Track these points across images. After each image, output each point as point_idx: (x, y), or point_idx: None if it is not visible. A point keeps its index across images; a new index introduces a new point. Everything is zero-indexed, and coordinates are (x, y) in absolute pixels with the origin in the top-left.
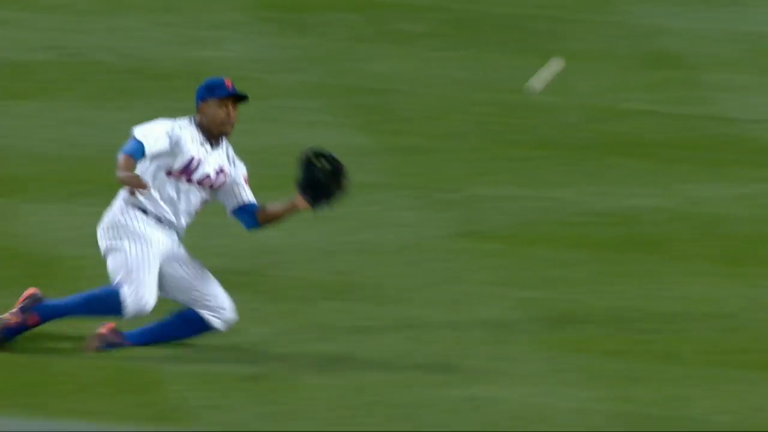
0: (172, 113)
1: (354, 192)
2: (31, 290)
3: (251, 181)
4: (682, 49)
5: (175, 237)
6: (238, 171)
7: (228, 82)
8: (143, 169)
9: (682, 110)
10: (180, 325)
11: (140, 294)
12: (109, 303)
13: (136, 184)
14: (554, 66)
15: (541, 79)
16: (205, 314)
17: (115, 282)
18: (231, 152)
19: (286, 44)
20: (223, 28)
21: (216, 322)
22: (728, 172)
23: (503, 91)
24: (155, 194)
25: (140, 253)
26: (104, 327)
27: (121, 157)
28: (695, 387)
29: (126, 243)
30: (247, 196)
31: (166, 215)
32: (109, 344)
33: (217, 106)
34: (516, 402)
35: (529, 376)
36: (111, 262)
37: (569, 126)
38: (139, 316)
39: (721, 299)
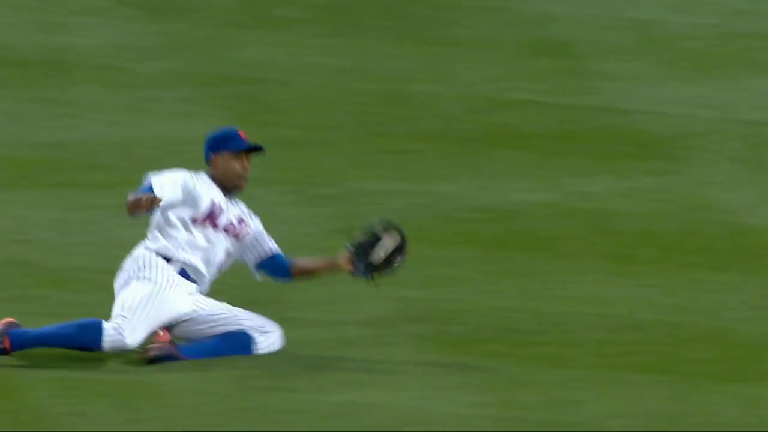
0: (32, 103)
1: None
2: (8, 319)
3: (111, 176)
4: (569, 37)
5: (194, 288)
6: (257, 223)
7: (242, 134)
8: (169, 221)
9: (568, 101)
10: (232, 344)
11: (122, 330)
12: (88, 334)
13: (147, 199)
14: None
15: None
16: (256, 336)
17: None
18: (243, 206)
19: (152, 30)
20: (85, 13)
21: (263, 346)
22: (617, 166)
23: (382, 80)
24: (184, 244)
25: (144, 295)
26: (161, 336)
27: (130, 196)
28: (584, 390)
29: (134, 282)
30: (273, 246)
31: (194, 263)
32: (169, 356)
33: (231, 159)
34: (396, 407)
35: (410, 379)
36: (116, 300)
37: (451, 117)
38: (114, 351)
39: (610, 299)
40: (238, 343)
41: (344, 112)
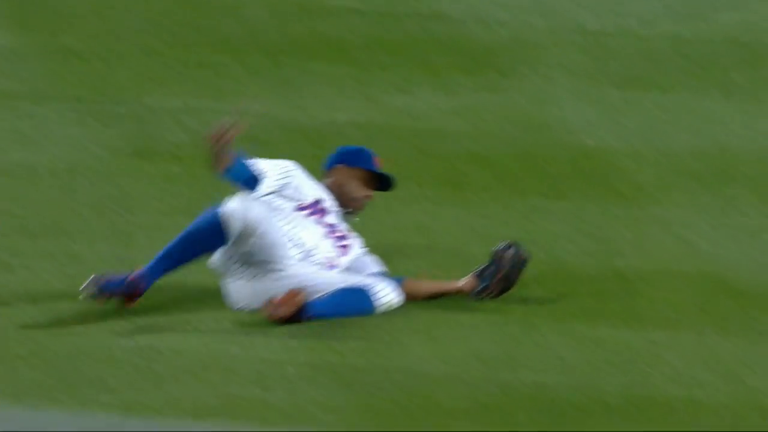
0: None
1: None
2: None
3: None
4: None
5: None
6: (360, 248)
7: (380, 161)
8: (271, 204)
9: (389, 7)
10: (352, 298)
11: (247, 201)
12: (209, 225)
13: (231, 124)
14: None
15: None
16: (371, 287)
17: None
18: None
19: None
20: None
21: (382, 295)
22: (444, 80)
23: None
24: (288, 224)
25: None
26: (290, 295)
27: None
28: (408, 333)
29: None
30: (377, 268)
31: (299, 237)
32: (299, 315)
33: (358, 179)
34: (198, 352)
35: (214, 322)
36: None
37: (257, 25)
38: (245, 226)
39: (437, 229)
40: (358, 296)
41: (136, 19)
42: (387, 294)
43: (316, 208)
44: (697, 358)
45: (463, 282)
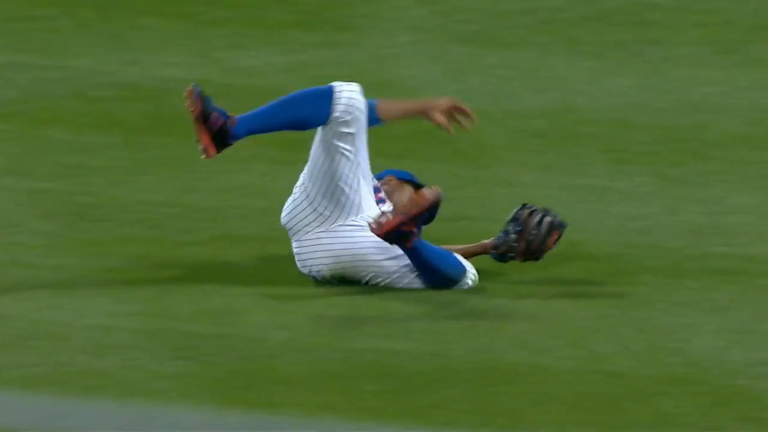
0: None
1: None
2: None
3: None
4: None
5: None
6: None
7: None
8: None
9: None
10: (449, 260)
11: (361, 93)
12: (318, 91)
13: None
14: None
15: None
16: (467, 264)
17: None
18: None
19: None
20: None
21: (471, 271)
22: (280, 36)
23: None
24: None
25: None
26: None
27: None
28: (245, 298)
29: None
30: None
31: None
32: (406, 229)
33: (407, 191)
34: (27, 319)
35: (40, 286)
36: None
37: None
38: (347, 108)
39: (276, 191)
40: (455, 260)
41: None
42: (473, 274)
43: (376, 192)
44: (543, 323)
45: (487, 242)
